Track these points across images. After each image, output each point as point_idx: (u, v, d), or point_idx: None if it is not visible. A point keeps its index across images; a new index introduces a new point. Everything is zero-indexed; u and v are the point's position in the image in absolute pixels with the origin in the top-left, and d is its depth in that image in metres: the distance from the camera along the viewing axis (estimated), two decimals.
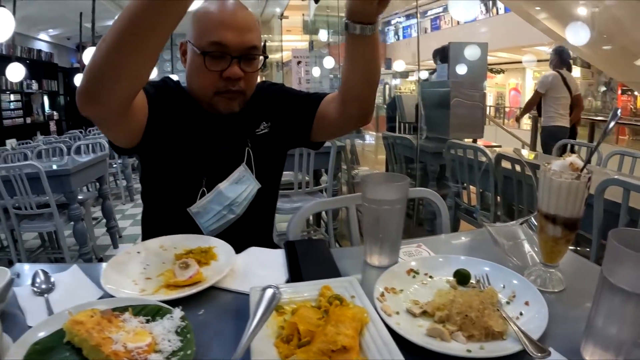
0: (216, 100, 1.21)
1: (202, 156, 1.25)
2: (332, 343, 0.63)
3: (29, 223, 3.40)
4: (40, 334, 0.74)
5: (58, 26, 10.99)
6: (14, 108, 9.88)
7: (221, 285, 0.94)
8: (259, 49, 1.20)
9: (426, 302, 0.79)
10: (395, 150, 4.45)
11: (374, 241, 1.01)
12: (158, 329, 0.72)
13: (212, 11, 1.16)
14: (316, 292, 0.82)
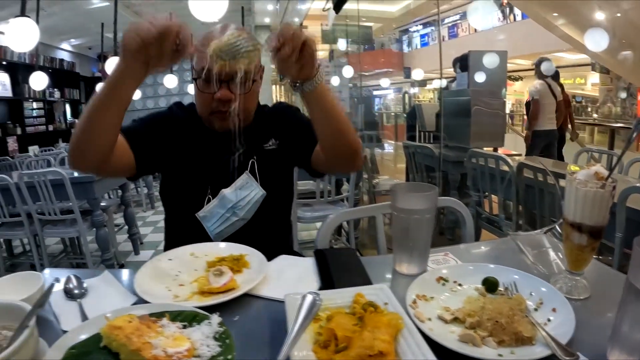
0: (211, 119, 1.35)
1: (207, 167, 1.37)
2: (369, 348, 0.64)
3: (52, 228, 3.46)
4: (76, 339, 0.75)
5: (80, 36, 11.16)
6: (37, 115, 10.02)
7: (255, 292, 0.95)
8: (248, 72, 1.22)
9: (457, 309, 0.80)
10: (415, 159, 4.43)
11: (404, 250, 1.02)
12: (196, 334, 0.73)
13: (207, 38, 1.24)
14: (349, 299, 0.83)
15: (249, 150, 1.39)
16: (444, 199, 1.51)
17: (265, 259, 1.09)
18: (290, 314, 0.77)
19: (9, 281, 0.96)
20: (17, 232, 3.51)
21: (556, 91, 5.32)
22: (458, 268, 0.99)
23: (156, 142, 1.35)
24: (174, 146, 1.38)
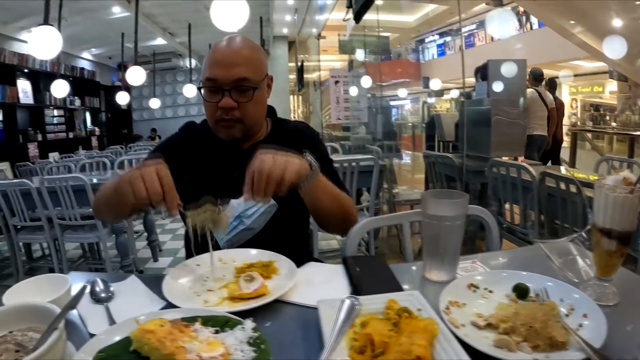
0: (217, 128, 1.38)
1: (218, 181, 1.37)
2: (406, 353, 0.64)
3: (72, 233, 3.48)
4: (104, 342, 0.73)
5: (100, 45, 11.34)
6: (57, 123, 10.15)
7: (285, 298, 0.94)
8: (249, 80, 1.31)
9: (489, 315, 0.80)
10: (435, 168, 4.39)
11: (434, 257, 1.02)
12: (230, 339, 0.71)
13: (212, 51, 1.34)
14: (382, 305, 0.82)
15: None
16: (470, 207, 1.48)
17: (294, 265, 1.08)
18: (324, 319, 0.77)
19: (34, 283, 0.95)
20: (37, 237, 3.55)
21: (547, 99, 5.50)
22: (488, 275, 0.98)
23: (177, 159, 1.36)
24: (187, 167, 1.40)
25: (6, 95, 7.98)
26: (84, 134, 11.28)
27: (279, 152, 1.09)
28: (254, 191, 1.04)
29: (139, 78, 6.59)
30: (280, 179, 1.04)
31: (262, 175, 1.03)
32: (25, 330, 0.71)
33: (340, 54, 11.09)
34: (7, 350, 0.65)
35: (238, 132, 1.36)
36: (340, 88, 7.30)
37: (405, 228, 1.44)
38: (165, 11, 8.90)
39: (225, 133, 1.37)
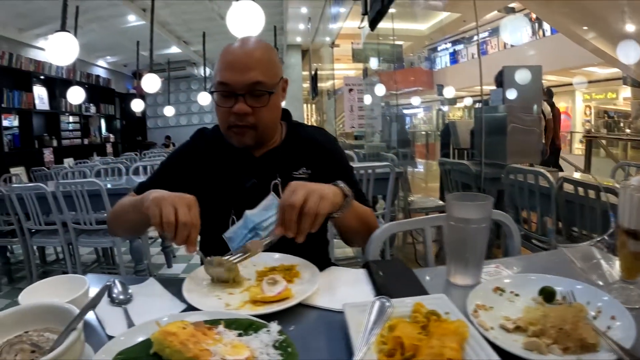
0: (229, 134, 1.31)
1: (230, 189, 1.34)
2: (438, 356, 0.63)
3: (87, 238, 3.48)
4: (124, 344, 0.71)
5: (116, 54, 11.49)
6: (73, 129, 10.28)
7: (309, 302, 0.92)
8: (264, 84, 1.24)
9: (518, 318, 0.79)
10: (451, 176, 4.34)
11: (459, 260, 1.00)
12: (255, 342, 0.69)
13: (224, 53, 1.27)
14: (408, 308, 0.80)
15: (276, 174, 1.35)
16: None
17: (317, 269, 1.05)
18: (351, 323, 0.75)
19: (51, 283, 0.93)
20: (51, 240, 3.55)
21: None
22: (515, 278, 0.96)
23: (180, 183, 1.32)
24: (199, 176, 1.38)
25: (22, 101, 8.09)
26: (98, 141, 11.39)
27: (312, 185, 1.03)
28: (286, 227, 1.00)
29: (154, 85, 6.62)
30: (315, 215, 1.00)
31: (294, 210, 0.98)
32: (41, 330, 0.69)
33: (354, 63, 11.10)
34: (23, 350, 0.63)
35: (251, 138, 1.30)
36: (355, 96, 7.29)
37: (426, 233, 1.41)
38: (180, 20, 9.00)
39: (238, 140, 1.30)
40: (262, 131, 1.30)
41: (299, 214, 0.99)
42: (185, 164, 1.40)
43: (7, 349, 0.63)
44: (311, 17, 10.31)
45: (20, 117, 8.33)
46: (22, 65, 8.15)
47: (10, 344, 0.64)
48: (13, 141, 8.12)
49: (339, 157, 1.45)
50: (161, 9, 7.84)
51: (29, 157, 8.18)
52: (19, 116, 8.30)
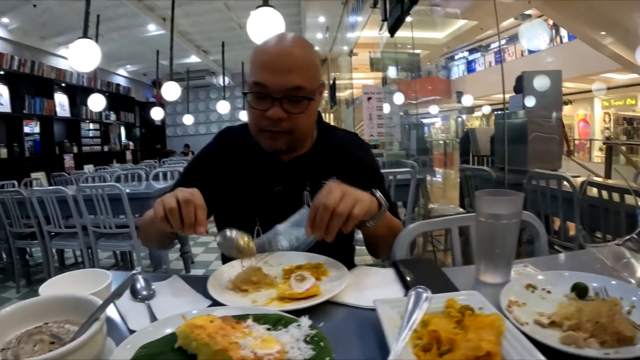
0: (261, 137, 1.22)
1: (255, 197, 1.27)
2: (476, 349, 0.61)
3: (106, 241, 3.49)
4: (148, 338, 0.67)
5: (136, 62, 11.65)
6: (93, 136, 10.39)
7: (337, 299, 0.89)
8: (304, 89, 1.14)
9: (552, 313, 0.78)
10: (471, 182, 4.27)
11: (489, 257, 0.98)
12: (285, 337, 0.65)
13: (261, 50, 1.17)
14: (441, 304, 0.78)
15: (304, 181, 1.28)
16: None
17: (345, 267, 1.01)
18: (384, 318, 0.72)
19: (72, 277, 0.90)
20: (70, 243, 3.58)
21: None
22: (548, 275, 0.94)
23: (204, 189, 1.22)
24: (223, 180, 1.31)
25: (44, 108, 8.21)
26: (118, 148, 11.52)
27: (349, 188, 0.99)
28: (315, 226, 0.96)
29: (174, 93, 6.68)
30: (347, 217, 0.96)
31: (327, 211, 0.94)
32: (62, 322, 0.66)
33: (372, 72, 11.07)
34: (42, 341, 0.60)
35: (284, 144, 1.20)
36: (373, 104, 7.24)
37: (453, 232, 1.38)
38: (200, 29, 9.09)
39: (269, 144, 1.21)
40: (297, 137, 1.22)
41: (331, 215, 0.95)
42: (208, 168, 1.33)
43: (25, 339, 0.60)
44: (329, 26, 10.32)
45: (41, 124, 8.46)
46: (44, 72, 8.28)
47: (29, 334, 0.61)
48: (34, 147, 8.24)
49: (372, 167, 1.38)
50: (181, 18, 7.92)
51: (50, 162, 8.30)
52: (40, 122, 8.43)
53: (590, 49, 7.89)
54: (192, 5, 7.47)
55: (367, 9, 6.38)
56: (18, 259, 3.92)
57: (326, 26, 10.35)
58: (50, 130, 8.49)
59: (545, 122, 4.19)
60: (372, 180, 1.32)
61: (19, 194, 3.57)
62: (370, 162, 1.38)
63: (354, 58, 10.19)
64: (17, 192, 3.60)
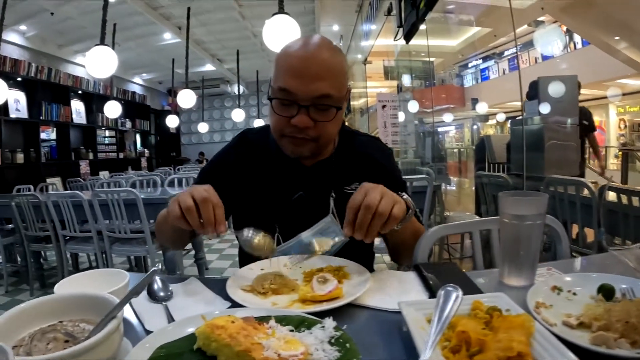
0: (284, 142, 1.17)
1: (275, 203, 1.23)
2: (507, 350, 0.59)
3: (121, 246, 3.48)
4: (166, 338, 0.65)
5: (151, 71, 11.77)
6: (108, 143, 10.48)
7: (360, 302, 0.86)
8: (332, 97, 1.09)
9: (580, 314, 0.77)
10: (488, 190, 4.21)
11: (513, 260, 0.96)
12: (309, 339, 0.62)
13: (287, 54, 1.12)
14: (466, 307, 0.76)
15: (326, 187, 1.24)
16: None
17: (367, 270, 0.98)
18: (409, 320, 0.70)
19: (89, 276, 0.88)
20: (85, 247, 3.59)
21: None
22: (571, 277, 0.93)
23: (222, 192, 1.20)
24: (242, 184, 1.27)
25: (60, 114, 8.32)
26: (133, 155, 11.60)
27: (384, 188, 0.97)
28: (357, 227, 0.92)
29: (190, 101, 6.74)
30: (388, 218, 0.92)
31: (369, 211, 0.91)
32: (77, 321, 0.63)
33: (386, 80, 11.05)
34: (56, 339, 0.57)
35: (308, 150, 1.16)
36: (388, 112, 7.22)
37: (475, 236, 1.35)
38: (215, 38, 9.15)
39: (292, 150, 1.16)
40: (322, 144, 1.18)
41: (373, 215, 0.92)
42: (226, 170, 1.29)
43: (38, 336, 0.58)
44: (343, 34, 10.35)
45: (57, 130, 8.57)
46: (61, 79, 8.39)
47: (42, 332, 0.59)
48: (50, 153, 8.34)
49: (393, 172, 1.34)
50: (196, 27, 7.99)
51: (66, 168, 8.39)
52: (56, 129, 8.55)
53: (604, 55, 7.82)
54: (207, 14, 7.54)
55: (381, 17, 6.37)
56: (32, 262, 3.93)
57: (340, 35, 10.38)
58: (67, 137, 8.59)
59: (561, 128, 4.15)
60: (394, 185, 1.27)
61: (34, 197, 3.59)
62: (392, 168, 1.35)
63: (367, 67, 10.17)
64: (33, 196, 3.62)
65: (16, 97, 7.32)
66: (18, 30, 7.39)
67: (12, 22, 6.83)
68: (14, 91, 7.20)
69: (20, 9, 6.35)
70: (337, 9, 8.36)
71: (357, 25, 9.19)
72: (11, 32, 7.21)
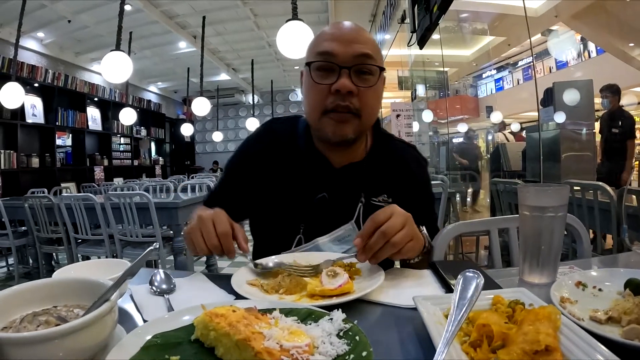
0: (324, 122, 1.09)
1: (297, 202, 1.17)
2: (534, 343, 0.55)
3: (132, 250, 3.48)
4: (161, 327, 0.61)
5: (167, 79, 11.87)
6: (123, 150, 10.58)
7: (372, 298, 0.82)
8: (373, 58, 1.07)
9: (609, 309, 0.73)
10: (503, 197, 4.14)
11: (535, 255, 0.92)
12: (316, 331, 0.58)
13: (325, 30, 1.13)
14: (487, 302, 0.72)
15: (351, 192, 1.18)
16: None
17: (380, 267, 0.93)
18: (426, 314, 0.65)
19: (90, 265, 0.86)
20: (96, 250, 3.60)
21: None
22: (597, 272, 0.90)
23: (247, 189, 1.23)
24: (265, 180, 1.21)
25: (76, 121, 8.43)
26: (148, 163, 11.69)
27: (410, 218, 0.93)
28: (366, 248, 0.89)
29: (204, 108, 6.79)
30: (398, 251, 0.90)
31: (383, 237, 0.87)
32: (72, 306, 0.60)
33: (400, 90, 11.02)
34: (47, 322, 0.54)
35: (352, 129, 1.09)
36: (402, 122, 7.18)
37: (493, 235, 1.32)
38: (230, 47, 9.21)
39: (336, 129, 1.09)
40: (365, 121, 1.11)
41: (385, 243, 0.89)
42: (249, 163, 1.23)
43: (29, 318, 0.55)
44: None
45: (73, 136, 8.69)
46: (77, 86, 8.51)
47: (35, 315, 0.56)
48: (65, 158, 8.45)
49: (425, 186, 1.28)
50: (211, 36, 8.07)
51: (80, 174, 8.50)
52: (72, 135, 8.67)
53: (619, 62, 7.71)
54: (223, 23, 7.61)
55: (394, 26, 6.35)
56: (44, 265, 3.97)
57: None
58: (82, 143, 8.70)
59: (577, 135, 4.08)
60: (423, 199, 1.25)
61: (48, 200, 3.62)
62: (424, 181, 1.29)
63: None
64: (46, 198, 3.65)
65: (33, 103, 7.43)
66: (36, 37, 7.51)
67: (30, 29, 6.96)
68: (30, 96, 7.31)
69: (38, 16, 6.46)
70: (350, 18, 8.27)
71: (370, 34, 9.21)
72: (29, 38, 7.34)
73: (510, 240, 1.28)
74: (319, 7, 7.20)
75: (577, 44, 11.44)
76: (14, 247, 4.10)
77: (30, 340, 0.46)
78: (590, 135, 4.22)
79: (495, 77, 17.33)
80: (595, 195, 2.89)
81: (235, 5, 6.87)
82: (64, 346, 0.48)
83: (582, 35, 9.91)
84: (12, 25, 5.32)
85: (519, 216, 0.95)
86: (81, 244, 3.66)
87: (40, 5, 6.16)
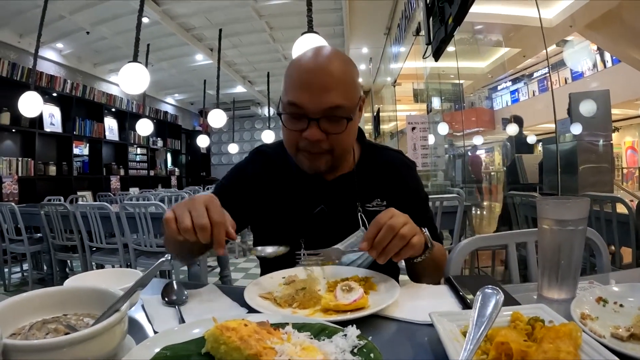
0: (299, 158, 1.15)
1: (297, 216, 1.20)
2: None
3: (146, 259, 3.48)
4: (172, 340, 0.60)
5: (183, 91, 12.00)
6: (139, 160, 10.68)
7: (387, 313, 0.81)
8: (343, 108, 1.06)
9: (631, 325, 0.71)
10: (520, 211, 4.07)
11: (554, 270, 0.90)
12: (329, 347, 0.57)
13: (295, 67, 1.10)
14: (505, 319, 0.70)
15: (346, 202, 1.21)
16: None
17: (395, 282, 0.93)
18: (442, 331, 0.64)
19: (102, 274, 0.86)
20: (110, 259, 3.61)
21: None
22: (622, 287, 0.87)
23: (240, 208, 1.21)
24: (261, 200, 1.24)
25: (93, 131, 8.54)
26: (164, 173, 11.77)
27: (409, 218, 0.95)
28: (375, 244, 0.90)
29: (220, 120, 6.85)
30: (406, 244, 0.91)
31: (391, 231, 0.90)
32: (82, 315, 0.60)
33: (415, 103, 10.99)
34: (57, 330, 0.54)
35: (325, 164, 1.13)
36: (418, 134, 7.17)
37: (510, 249, 1.30)
38: (246, 60, 9.29)
39: (309, 165, 1.14)
40: (338, 156, 1.14)
41: (393, 237, 0.90)
42: (243, 185, 1.25)
43: (38, 326, 0.54)
44: (372, 57, 10.37)
45: (90, 145, 8.80)
46: (95, 97, 8.64)
47: (44, 322, 0.55)
48: (82, 167, 8.56)
49: (416, 187, 1.30)
50: (228, 49, 8.14)
51: (96, 183, 8.58)
52: (89, 144, 8.78)
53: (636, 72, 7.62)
54: (239, 36, 7.67)
55: (409, 39, 6.36)
56: (58, 271, 4.00)
57: (369, 57, 10.41)
58: (99, 152, 8.80)
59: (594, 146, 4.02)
60: (416, 201, 1.26)
61: (64, 207, 3.65)
62: (415, 183, 1.30)
63: (397, 90, 10.15)
64: (62, 206, 3.69)
65: (51, 112, 7.55)
66: (55, 48, 7.65)
67: (50, 40, 7.10)
68: (49, 106, 7.43)
69: (57, 27, 6.59)
70: (366, 31, 8.40)
71: (386, 47, 9.21)
72: (48, 49, 7.48)
73: (528, 255, 1.26)
74: (335, 20, 7.24)
75: (592, 54, 11.35)
76: (29, 253, 4.15)
77: (38, 348, 0.46)
78: (608, 146, 4.16)
79: (511, 89, 17.26)
80: (614, 208, 2.84)
81: (252, 18, 6.93)
82: (72, 355, 0.47)
83: (598, 45, 9.83)
84: (32, 36, 5.41)
85: (537, 230, 0.93)
86: (95, 252, 3.68)
87: (59, 17, 6.29)
